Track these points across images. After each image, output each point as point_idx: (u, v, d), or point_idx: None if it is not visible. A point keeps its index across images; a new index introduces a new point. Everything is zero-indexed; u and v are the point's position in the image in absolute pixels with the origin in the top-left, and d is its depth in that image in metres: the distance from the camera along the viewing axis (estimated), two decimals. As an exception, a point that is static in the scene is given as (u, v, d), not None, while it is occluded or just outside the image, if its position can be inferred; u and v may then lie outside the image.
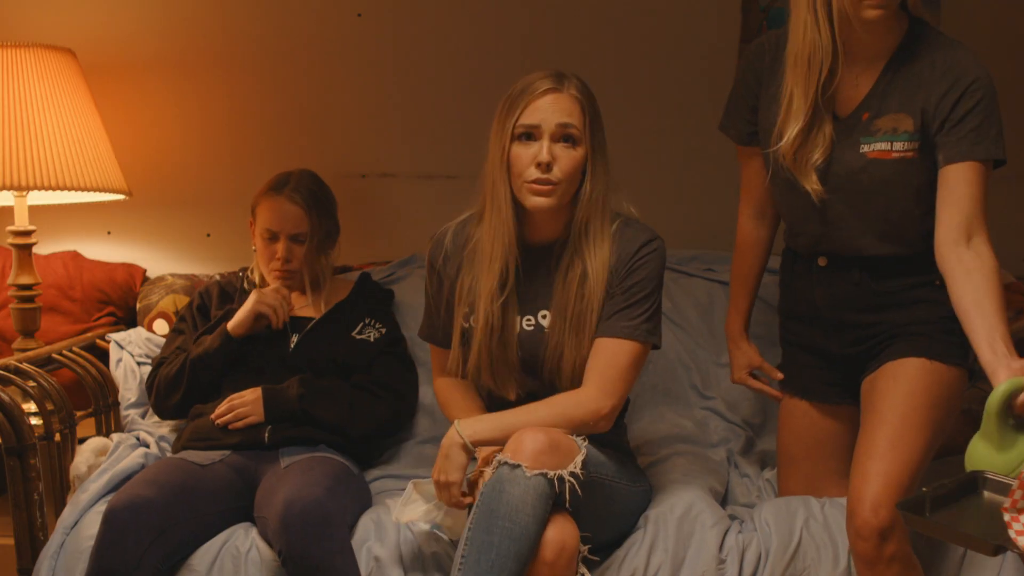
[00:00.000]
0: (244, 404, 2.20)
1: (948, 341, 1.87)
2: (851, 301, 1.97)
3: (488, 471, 1.81)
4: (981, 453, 1.64)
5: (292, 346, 2.33)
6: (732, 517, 2.08)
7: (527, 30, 2.88)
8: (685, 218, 2.81)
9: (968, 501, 1.63)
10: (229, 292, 2.45)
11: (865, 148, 1.88)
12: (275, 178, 2.41)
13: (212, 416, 2.21)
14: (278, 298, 2.31)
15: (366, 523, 2.03)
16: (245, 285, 2.45)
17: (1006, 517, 1.49)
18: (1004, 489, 1.58)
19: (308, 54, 2.92)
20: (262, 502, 2.02)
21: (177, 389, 2.31)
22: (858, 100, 1.90)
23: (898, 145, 1.86)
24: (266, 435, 2.20)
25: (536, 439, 1.77)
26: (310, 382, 2.25)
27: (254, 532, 2.02)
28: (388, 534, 1.99)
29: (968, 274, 1.76)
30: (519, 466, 1.74)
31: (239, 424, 2.19)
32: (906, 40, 1.86)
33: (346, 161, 2.93)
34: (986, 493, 1.64)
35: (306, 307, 2.41)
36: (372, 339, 2.37)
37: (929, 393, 1.84)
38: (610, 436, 1.97)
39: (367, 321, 2.40)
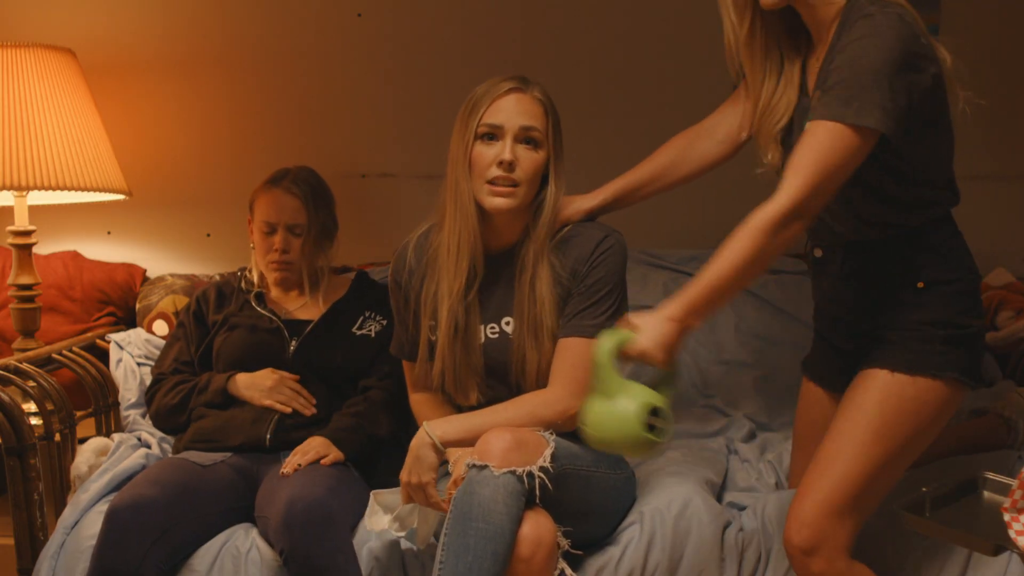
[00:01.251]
0: (313, 451, 2.12)
1: (923, 350, 1.79)
2: (838, 295, 1.95)
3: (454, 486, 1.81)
4: (596, 408, 1.68)
5: (292, 351, 2.32)
6: (732, 505, 2.08)
7: (526, 30, 2.88)
8: (685, 218, 2.82)
9: (968, 501, 1.63)
10: (226, 293, 2.44)
11: (807, 124, 1.84)
12: (273, 173, 2.40)
13: (282, 472, 2.08)
14: (290, 393, 2.24)
15: (366, 523, 2.03)
16: (243, 285, 2.44)
17: (1006, 517, 1.49)
18: (1004, 489, 1.58)
19: (308, 54, 2.92)
20: (263, 502, 2.02)
21: (177, 418, 2.31)
22: (814, 80, 1.87)
23: None
24: (268, 438, 2.20)
25: (502, 438, 1.77)
26: (351, 417, 2.21)
27: (254, 532, 2.02)
28: (388, 534, 1.98)
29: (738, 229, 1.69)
30: (487, 467, 1.74)
31: (328, 461, 2.10)
32: (843, 15, 1.78)
33: (346, 161, 2.93)
34: (986, 493, 1.64)
35: (304, 308, 2.40)
36: (373, 333, 2.35)
37: (886, 408, 1.77)
38: None
39: (367, 315, 2.38)
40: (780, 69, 1.89)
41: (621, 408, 1.65)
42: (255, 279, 2.43)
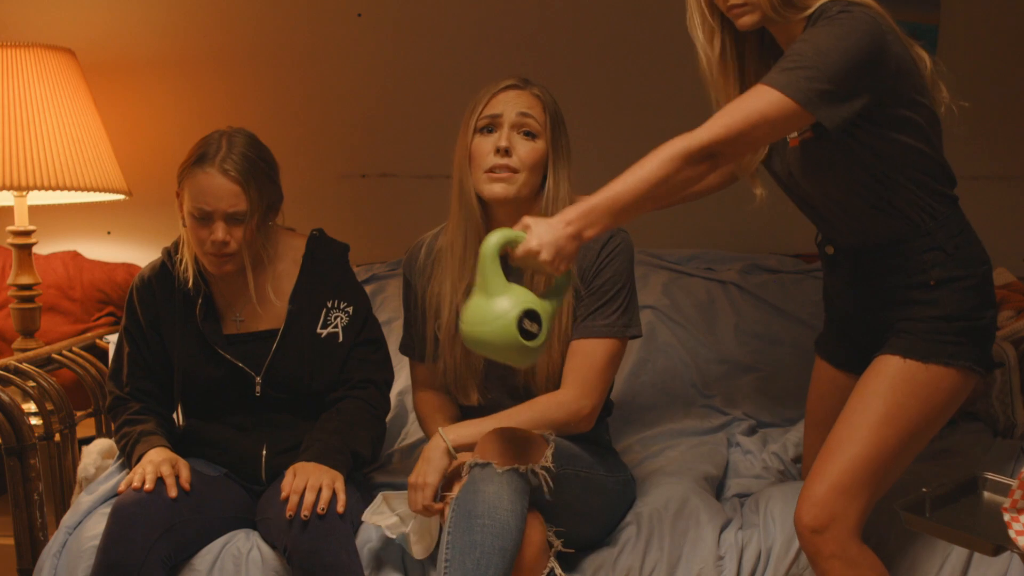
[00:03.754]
0: (305, 486, 1.89)
1: (934, 340, 1.81)
2: (851, 292, 1.96)
3: (457, 488, 1.79)
4: (473, 305, 1.65)
5: (257, 390, 2.08)
6: (737, 495, 2.07)
7: (527, 30, 2.88)
8: (685, 218, 2.81)
9: (968, 501, 1.63)
10: (166, 291, 2.12)
11: (789, 137, 1.87)
12: (201, 143, 2.02)
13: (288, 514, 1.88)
14: (168, 468, 1.96)
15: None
16: (182, 274, 2.09)
17: (1006, 517, 1.49)
18: (1004, 489, 1.58)
19: (308, 54, 2.92)
20: (266, 504, 2.01)
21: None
22: None
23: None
24: (263, 473, 2.11)
25: (502, 436, 1.78)
26: (331, 434, 2.03)
27: (255, 535, 2.02)
28: (381, 531, 1.98)
29: None
30: (489, 464, 1.75)
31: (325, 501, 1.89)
32: (808, 21, 1.79)
33: (346, 161, 2.93)
34: (986, 493, 1.64)
35: (260, 309, 2.10)
36: (340, 331, 2.09)
37: (898, 392, 1.79)
38: (590, 433, 1.98)
39: (330, 305, 2.09)
40: None
41: (498, 307, 1.62)
42: (188, 262, 2.09)
